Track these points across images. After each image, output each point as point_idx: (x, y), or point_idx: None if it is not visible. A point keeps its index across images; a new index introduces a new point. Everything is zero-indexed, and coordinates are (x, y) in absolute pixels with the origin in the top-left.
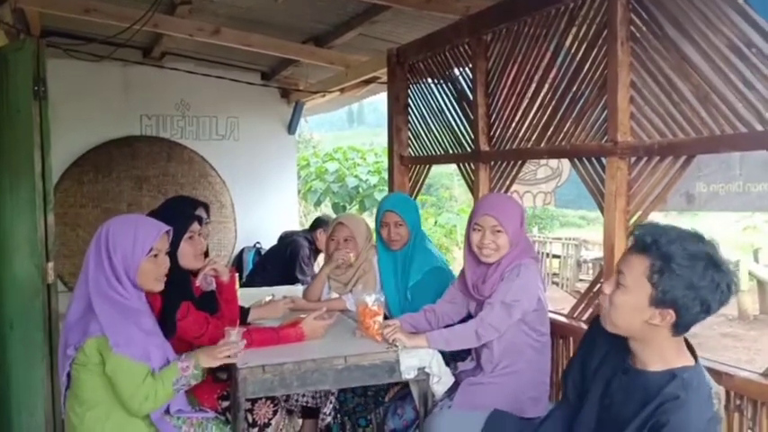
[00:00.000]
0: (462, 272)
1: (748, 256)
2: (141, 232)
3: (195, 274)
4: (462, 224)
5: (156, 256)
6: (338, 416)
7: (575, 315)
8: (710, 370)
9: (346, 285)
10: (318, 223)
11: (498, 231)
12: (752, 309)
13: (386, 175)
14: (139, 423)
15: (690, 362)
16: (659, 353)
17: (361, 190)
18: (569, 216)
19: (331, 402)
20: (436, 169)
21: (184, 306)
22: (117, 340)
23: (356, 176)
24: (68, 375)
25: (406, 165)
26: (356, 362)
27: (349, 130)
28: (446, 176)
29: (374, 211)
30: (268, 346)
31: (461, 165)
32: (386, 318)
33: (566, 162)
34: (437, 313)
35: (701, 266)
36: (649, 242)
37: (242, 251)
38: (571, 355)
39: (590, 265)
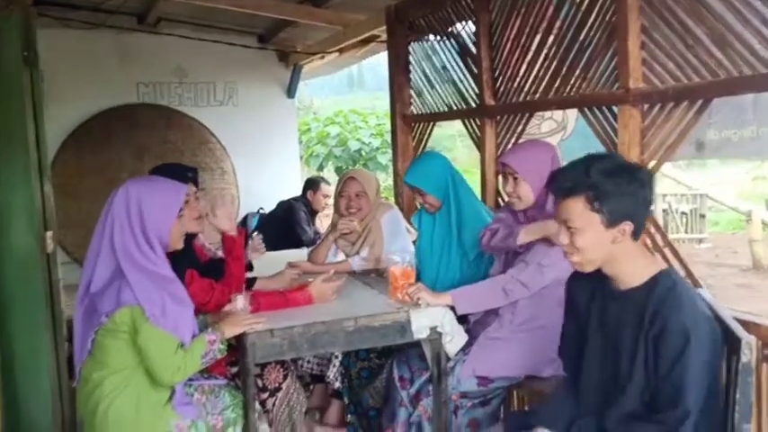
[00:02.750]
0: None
1: (760, 206)
2: (171, 194)
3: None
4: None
5: (181, 215)
6: (345, 381)
7: None
8: (735, 320)
9: (354, 244)
10: (308, 185)
11: (517, 179)
12: (765, 258)
13: (388, 138)
14: (158, 393)
15: (662, 265)
16: (632, 265)
17: (363, 153)
18: None
19: (335, 366)
20: (438, 132)
21: (189, 273)
22: (153, 311)
23: (358, 140)
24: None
25: (409, 124)
26: (367, 323)
27: (349, 94)
28: (448, 138)
29: (378, 173)
30: (276, 309)
31: (466, 121)
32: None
33: (571, 114)
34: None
35: (621, 176)
36: (570, 185)
37: (246, 217)
38: None
39: None
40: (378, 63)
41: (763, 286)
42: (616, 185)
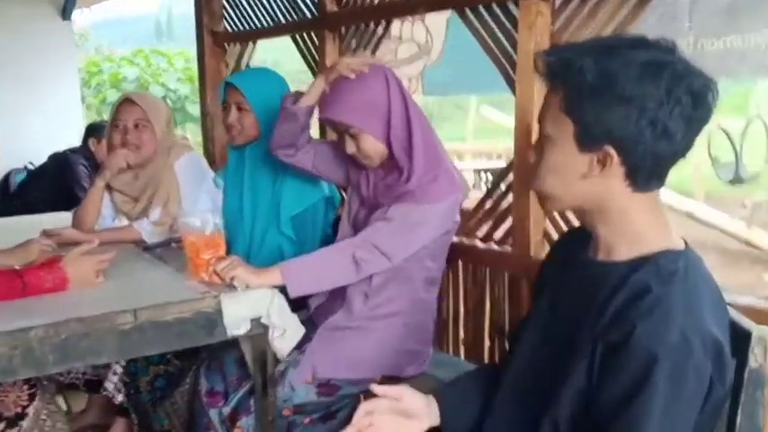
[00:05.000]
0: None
1: None
2: None
3: None
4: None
5: None
6: (131, 392)
7: (466, 232)
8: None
9: (137, 201)
10: (90, 131)
11: (355, 135)
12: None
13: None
14: None
15: (676, 243)
16: (630, 233)
17: (169, 101)
18: None
19: (115, 374)
20: (287, 67)
21: None
22: None
23: (162, 85)
24: None
25: (222, 44)
26: (153, 317)
27: (158, 45)
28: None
29: (187, 126)
30: (6, 300)
31: (299, 38)
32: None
33: (437, 34)
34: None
35: (635, 71)
36: (553, 67)
37: (9, 174)
38: (461, 282)
39: None
40: (190, 12)
41: None
42: (615, 80)
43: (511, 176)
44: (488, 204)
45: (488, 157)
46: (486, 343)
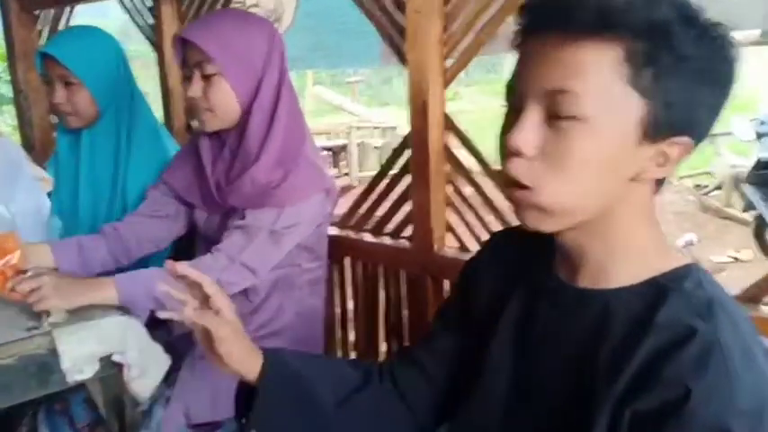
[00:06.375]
0: (180, 155)
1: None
2: None
3: None
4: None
5: None
6: None
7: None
8: None
9: None
10: None
11: (208, 74)
12: None
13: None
14: None
15: (682, 259)
16: (635, 249)
17: None
18: None
19: None
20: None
21: None
22: None
23: None
24: None
25: (31, 9)
26: None
27: None
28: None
29: (3, 110)
30: None
31: (128, 2)
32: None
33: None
34: (125, 237)
35: (713, 35)
36: (602, 11)
37: None
38: (348, 282)
39: None
40: None
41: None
42: (709, 45)
43: (405, 157)
44: (378, 191)
45: (327, 137)
46: (383, 347)
